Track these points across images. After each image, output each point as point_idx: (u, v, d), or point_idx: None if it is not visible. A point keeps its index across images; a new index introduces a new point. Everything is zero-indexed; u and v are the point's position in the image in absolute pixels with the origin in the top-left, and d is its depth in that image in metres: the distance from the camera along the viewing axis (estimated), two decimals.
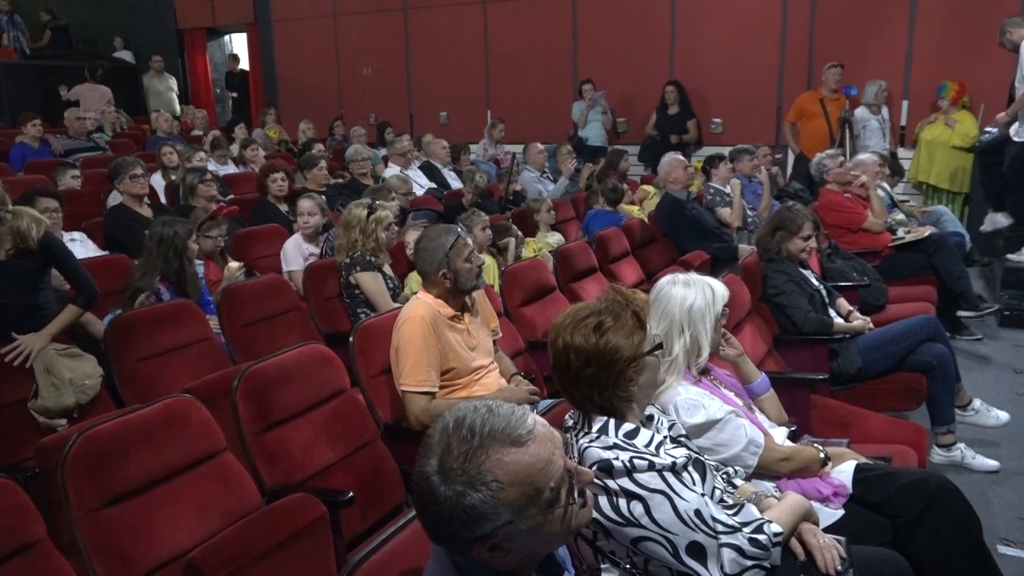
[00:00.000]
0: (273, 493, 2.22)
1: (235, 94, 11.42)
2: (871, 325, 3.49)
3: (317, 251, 4.31)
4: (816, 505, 1.96)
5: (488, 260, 4.22)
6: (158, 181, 6.01)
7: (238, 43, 12.51)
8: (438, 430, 1.19)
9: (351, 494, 2.18)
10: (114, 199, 4.95)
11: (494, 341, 2.97)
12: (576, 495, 1.22)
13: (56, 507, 1.95)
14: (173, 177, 5.95)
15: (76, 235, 4.34)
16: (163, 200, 5.69)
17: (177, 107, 11.01)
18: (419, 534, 1.42)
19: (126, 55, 11.97)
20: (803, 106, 7.23)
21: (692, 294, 2.18)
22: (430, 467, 1.16)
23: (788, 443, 2.27)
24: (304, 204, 4.35)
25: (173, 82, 11.37)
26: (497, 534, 1.16)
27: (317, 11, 10.51)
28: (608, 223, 5.07)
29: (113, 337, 2.99)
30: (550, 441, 1.20)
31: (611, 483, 1.55)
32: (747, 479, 2.05)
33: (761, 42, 7.83)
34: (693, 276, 2.25)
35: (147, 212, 4.66)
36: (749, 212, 5.60)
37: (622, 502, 1.54)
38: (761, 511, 1.76)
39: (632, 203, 6.22)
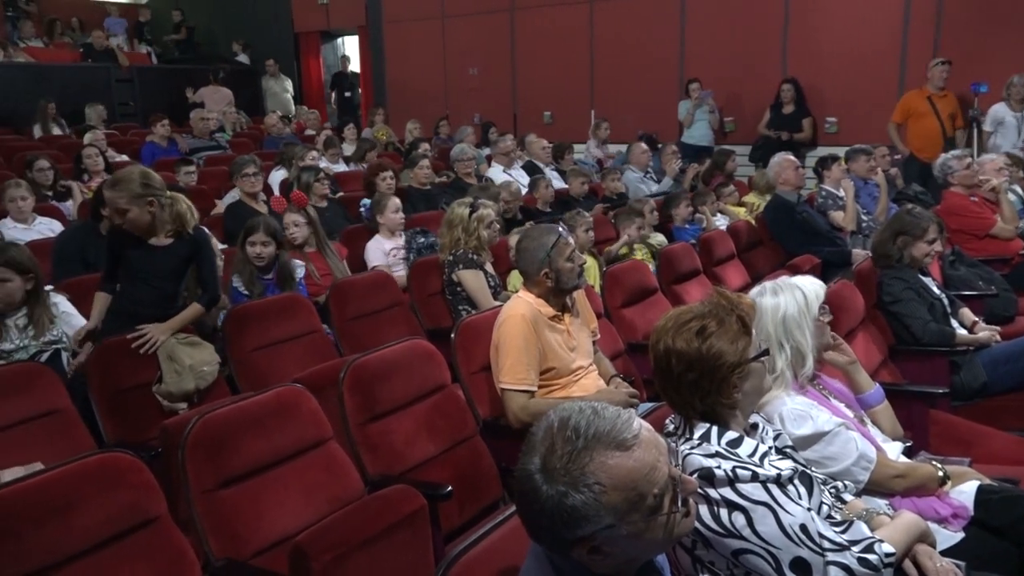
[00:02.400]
0: (375, 483, 2.28)
1: (348, 93, 11.81)
2: (998, 337, 3.27)
3: (399, 244, 4.42)
4: (933, 526, 1.85)
5: (589, 261, 4.20)
6: (276, 179, 6.28)
7: (350, 45, 12.93)
8: (542, 428, 1.19)
9: (450, 488, 2.22)
10: (232, 196, 5.23)
11: (594, 342, 2.96)
12: (680, 504, 1.20)
13: (176, 485, 2.07)
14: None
15: None
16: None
17: (292, 108, 11.49)
18: (516, 532, 1.43)
19: (245, 58, 12.58)
20: (910, 106, 6.85)
21: (783, 301, 2.08)
22: (533, 465, 1.16)
23: (903, 459, 2.15)
24: (397, 202, 4.47)
25: (289, 84, 11.88)
26: (597, 537, 1.15)
27: (425, 13, 10.73)
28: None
29: (229, 327, 3.15)
30: (655, 447, 1.18)
31: (712, 492, 1.51)
32: (857, 495, 1.96)
33: (881, 36, 7.46)
34: (781, 281, 2.15)
35: (262, 208, 4.88)
36: (864, 216, 5.35)
37: (723, 512, 1.50)
38: (872, 529, 1.68)
39: (740, 205, 6.06)
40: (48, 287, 3.32)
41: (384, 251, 4.41)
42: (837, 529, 1.60)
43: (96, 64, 10.66)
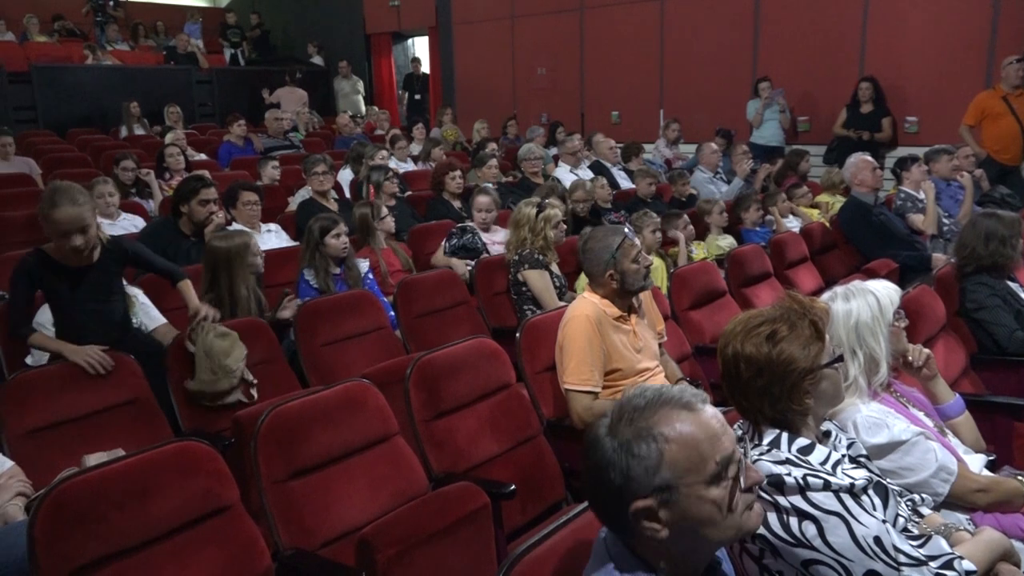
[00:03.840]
0: (439, 479, 2.31)
1: (418, 96, 11.97)
2: None
3: None
4: (1017, 545, 1.77)
5: (656, 262, 4.16)
6: (344, 178, 6.41)
7: (420, 46, 13.10)
8: (615, 405, 1.25)
9: (513, 487, 2.22)
10: (303, 194, 5.36)
11: (660, 344, 2.92)
12: (742, 482, 1.21)
13: (247, 475, 2.13)
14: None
15: (272, 226, 4.71)
16: (348, 195, 6.08)
17: (363, 108, 11.70)
18: (579, 533, 1.43)
19: (319, 60, 12.87)
20: (984, 107, 6.53)
21: (855, 307, 2.00)
22: (602, 427, 1.22)
23: (986, 473, 2.06)
24: (482, 200, 4.50)
25: (360, 84, 12.11)
26: (656, 499, 1.17)
27: (495, 13, 10.79)
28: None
29: (301, 322, 3.23)
30: (723, 424, 1.22)
31: (782, 500, 1.47)
32: (936, 509, 1.88)
33: (968, 31, 7.14)
34: (854, 285, 2.07)
35: (333, 205, 5.02)
36: (945, 219, 5.13)
37: (793, 521, 1.46)
38: (951, 545, 1.61)
39: (814, 206, 5.90)
40: None
41: None
42: (914, 543, 1.55)
43: (177, 66, 11.07)
